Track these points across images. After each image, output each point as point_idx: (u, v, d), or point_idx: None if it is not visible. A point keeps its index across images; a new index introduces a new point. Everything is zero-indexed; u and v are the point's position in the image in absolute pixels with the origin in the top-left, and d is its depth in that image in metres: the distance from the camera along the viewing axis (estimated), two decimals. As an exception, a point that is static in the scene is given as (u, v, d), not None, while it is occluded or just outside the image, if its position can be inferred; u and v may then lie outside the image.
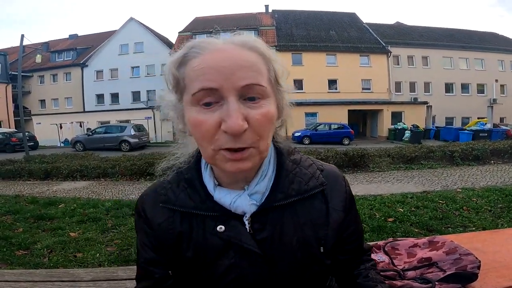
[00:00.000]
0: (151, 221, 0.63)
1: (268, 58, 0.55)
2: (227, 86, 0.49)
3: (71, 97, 29.50)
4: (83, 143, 18.00)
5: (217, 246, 0.59)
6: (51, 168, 8.35)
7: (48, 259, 2.93)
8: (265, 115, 0.52)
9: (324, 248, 0.62)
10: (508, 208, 3.99)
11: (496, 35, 31.31)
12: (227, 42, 0.54)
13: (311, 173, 0.64)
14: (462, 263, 1.00)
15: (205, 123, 0.51)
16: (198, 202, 0.60)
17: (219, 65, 0.50)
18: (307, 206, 0.62)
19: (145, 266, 0.65)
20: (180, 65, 0.54)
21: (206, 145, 0.53)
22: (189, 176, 0.63)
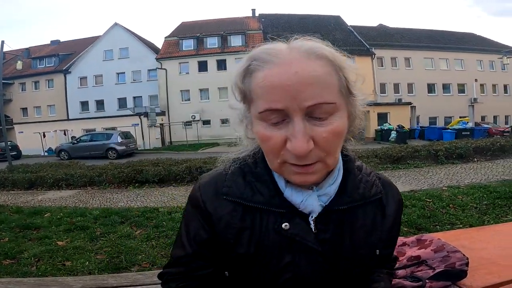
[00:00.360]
0: (212, 214, 0.61)
1: (338, 66, 0.52)
2: (293, 107, 0.48)
3: (54, 105, 28.73)
4: (68, 151, 17.60)
5: (278, 243, 0.58)
6: (36, 178, 8.15)
7: (36, 267, 2.90)
8: (332, 133, 0.50)
9: (374, 252, 0.64)
10: (493, 205, 4.10)
11: (474, 35, 32.38)
12: (293, 50, 0.51)
13: (372, 180, 0.66)
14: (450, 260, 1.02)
15: (271, 139, 0.51)
16: (268, 197, 0.59)
17: (284, 84, 0.48)
18: (364, 211, 0.64)
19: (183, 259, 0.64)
20: (244, 77, 0.54)
21: (272, 158, 0.54)
22: (258, 171, 0.62)
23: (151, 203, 5.69)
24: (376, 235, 0.64)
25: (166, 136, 25.95)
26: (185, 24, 31.05)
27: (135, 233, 3.81)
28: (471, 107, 27.18)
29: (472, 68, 27.90)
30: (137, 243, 3.46)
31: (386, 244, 0.68)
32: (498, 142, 9.08)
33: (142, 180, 7.61)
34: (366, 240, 0.63)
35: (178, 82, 26.12)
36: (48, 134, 22.12)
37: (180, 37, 27.64)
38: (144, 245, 3.40)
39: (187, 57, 26.46)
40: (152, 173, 7.60)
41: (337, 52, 0.53)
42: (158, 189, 7.10)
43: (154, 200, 5.97)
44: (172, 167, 7.89)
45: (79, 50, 29.40)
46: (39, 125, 23.10)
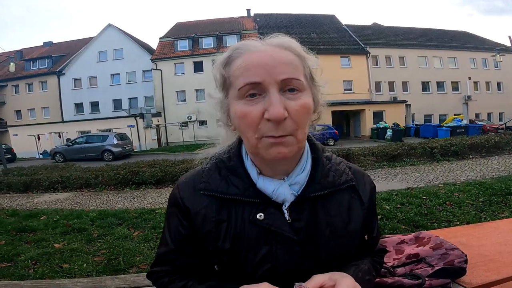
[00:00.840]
0: (190, 208, 0.64)
1: (302, 56, 0.62)
2: (269, 80, 0.55)
3: (48, 107, 28.48)
4: (63, 154, 17.45)
5: (255, 234, 0.61)
6: (31, 180, 8.08)
7: (33, 270, 2.89)
8: (303, 106, 0.57)
9: (353, 238, 0.67)
10: (490, 202, 4.14)
11: (467, 33, 32.66)
12: (265, 44, 0.60)
13: (342, 169, 0.70)
14: (449, 258, 1.02)
15: (250, 113, 0.56)
16: (242, 189, 0.63)
17: (262, 62, 0.56)
18: (338, 199, 0.66)
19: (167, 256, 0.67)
20: (226, 65, 0.61)
21: (250, 134, 0.57)
22: (232, 164, 0.65)
23: (148, 205, 5.67)
24: (355, 223, 0.67)
25: (163, 137, 25.83)
26: (180, 24, 30.93)
27: (133, 235, 3.79)
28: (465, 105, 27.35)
29: (465, 66, 28.12)
30: (135, 244, 3.44)
31: (368, 232, 0.71)
32: (492, 139, 9.18)
33: (139, 182, 7.57)
34: (345, 228, 0.65)
35: (173, 83, 26.02)
36: (43, 136, 21.90)
37: (175, 37, 27.52)
38: (142, 246, 3.38)
39: (182, 58, 26.35)
40: (149, 175, 7.56)
41: (301, 47, 0.63)
42: (155, 190, 7.07)
43: (151, 202, 5.94)
44: (168, 168, 7.87)
45: (73, 51, 29.15)
46: (33, 128, 22.87)
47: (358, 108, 24.04)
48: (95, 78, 28.02)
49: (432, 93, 27.91)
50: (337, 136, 19.39)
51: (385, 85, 27.08)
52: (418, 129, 21.74)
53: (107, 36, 28.13)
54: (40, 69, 28.97)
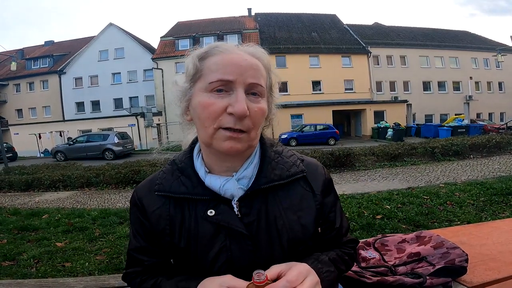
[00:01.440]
0: (146, 209, 0.68)
1: (268, 68, 0.67)
2: (240, 80, 0.60)
3: (49, 106, 28.47)
4: (64, 153, 17.46)
5: (208, 230, 0.64)
6: (32, 179, 8.10)
7: (35, 269, 2.90)
8: (260, 109, 0.62)
9: (306, 230, 0.67)
10: (490, 202, 4.13)
11: (468, 33, 32.54)
12: (241, 49, 0.65)
13: (292, 161, 0.72)
14: (450, 256, 1.03)
15: (214, 104, 0.60)
16: (191, 187, 0.66)
17: (237, 63, 0.61)
18: (290, 192, 0.68)
19: (134, 254, 0.72)
20: (202, 58, 0.64)
21: (209, 124, 0.61)
22: (182, 165, 0.70)
23: (149, 204, 5.67)
24: (308, 215, 0.68)
25: (163, 136, 25.71)
26: (181, 23, 30.90)
27: (134, 234, 3.80)
28: (466, 105, 27.35)
29: (466, 66, 28.01)
30: (137, 243, 3.45)
31: (325, 225, 0.72)
32: (493, 139, 9.17)
33: (140, 180, 7.45)
34: (298, 221, 0.67)
35: (174, 82, 25.96)
36: (44, 135, 21.93)
37: (176, 36, 27.50)
38: (143, 245, 3.38)
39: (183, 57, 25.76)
40: (150, 173, 7.53)
41: (269, 59, 0.68)
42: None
43: (152, 201, 5.95)
44: (169, 167, 7.86)
45: (74, 50, 29.15)
46: (34, 127, 22.90)
47: (359, 108, 24.00)
48: (96, 77, 28.01)
49: (433, 93, 27.82)
50: (337, 135, 19.38)
51: (386, 84, 27.00)
52: (419, 128, 21.72)
53: (108, 35, 28.10)
54: (42, 68, 28.97)
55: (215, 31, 27.37)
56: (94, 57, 28.00)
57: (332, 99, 24.14)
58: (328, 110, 22.71)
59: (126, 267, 0.75)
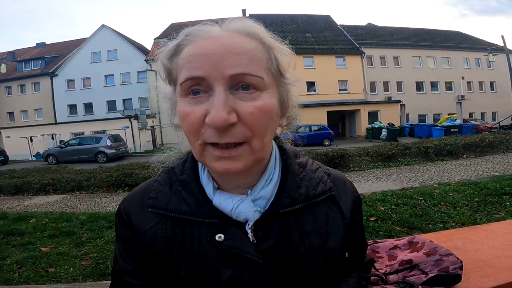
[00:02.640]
0: (136, 227, 0.56)
1: (268, 45, 0.50)
2: (215, 75, 0.45)
3: (41, 108, 28.27)
4: (56, 156, 17.28)
5: (215, 257, 0.52)
6: (22, 183, 8.00)
7: (18, 274, 2.88)
8: (260, 108, 0.46)
9: (332, 257, 0.57)
10: (485, 202, 4.13)
11: (460, 33, 33.06)
12: (224, 29, 0.49)
13: (319, 177, 0.60)
14: (443, 264, 0.98)
15: (190, 114, 0.46)
16: (194, 206, 0.53)
17: (208, 52, 0.45)
18: (314, 213, 0.57)
19: (123, 276, 0.57)
20: (173, 55, 0.51)
21: (193, 140, 0.48)
22: (184, 177, 0.56)
23: (140, 207, 5.60)
24: (335, 239, 0.58)
25: (158, 139, 25.69)
26: (175, 25, 30.80)
27: (123, 239, 3.74)
28: (458, 104, 27.69)
29: (458, 66, 28.40)
30: (125, 249, 3.39)
31: (350, 248, 0.62)
32: (486, 138, 9.24)
33: (132, 184, 7.48)
34: (323, 246, 0.56)
35: (168, 84, 25.91)
36: (36, 138, 21.66)
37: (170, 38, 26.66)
38: (132, 250, 3.32)
39: (177, 58, 26.25)
40: (142, 176, 7.47)
41: (269, 33, 0.51)
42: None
43: (144, 204, 5.87)
44: (162, 170, 7.79)
45: (66, 52, 28.97)
46: (26, 129, 22.64)
47: (354, 108, 24.17)
48: (89, 79, 27.87)
49: (426, 93, 28.15)
50: (332, 136, 19.45)
51: (380, 85, 27.25)
52: (413, 128, 21.93)
53: (101, 37, 27.97)
54: (33, 70, 28.75)
55: (209, 32, 27.32)
56: (86, 59, 27.86)
57: (326, 100, 24.23)
58: (322, 111, 22.78)
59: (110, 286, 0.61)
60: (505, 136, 9.63)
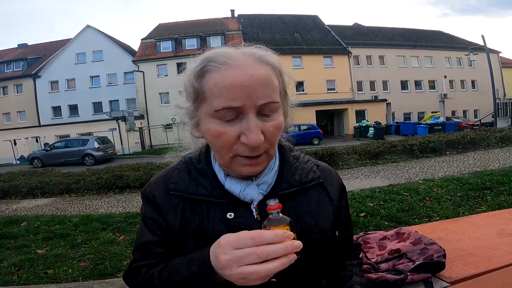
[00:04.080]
0: (161, 207, 0.65)
1: (279, 71, 0.61)
2: (249, 104, 0.54)
3: (24, 111, 27.30)
4: (41, 159, 16.82)
5: (226, 233, 0.58)
6: (9, 187, 7.79)
7: (17, 276, 2.85)
8: (276, 127, 0.58)
9: (324, 234, 0.68)
10: (467, 197, 4.30)
11: (442, 33, 33.75)
12: (245, 55, 0.57)
13: (309, 167, 0.72)
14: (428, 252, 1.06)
15: (225, 134, 0.56)
16: (210, 189, 0.64)
17: (243, 84, 0.54)
18: (307, 197, 0.68)
19: (150, 246, 0.65)
20: (199, 77, 0.58)
21: (224, 152, 0.58)
22: (201, 166, 0.67)
23: (133, 208, 5.58)
24: (326, 219, 0.69)
25: (146, 140, 25.31)
26: (162, 25, 30.42)
27: (119, 239, 3.74)
28: (441, 103, 28.38)
29: (441, 65, 29.02)
30: (121, 249, 3.40)
31: (340, 228, 0.73)
32: (468, 136, 9.54)
33: (123, 186, 7.42)
34: (316, 225, 0.67)
35: (156, 85, 25.52)
36: (19, 141, 21.02)
37: (157, 38, 27.04)
38: (128, 250, 3.33)
39: (165, 59, 25.89)
40: (133, 178, 7.43)
41: (279, 60, 0.62)
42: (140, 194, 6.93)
43: (136, 205, 5.83)
44: (153, 171, 7.74)
45: (49, 53, 28.08)
46: (9, 132, 21.88)
47: (341, 107, 24.42)
48: (73, 81, 27.07)
49: (411, 91, 28.67)
50: (321, 135, 19.63)
51: (367, 84, 27.62)
52: (398, 127, 22.33)
53: (86, 38, 27.24)
54: (15, 72, 27.76)
55: (197, 32, 27.12)
56: (70, 60, 27.09)
57: (315, 99, 24.44)
58: (311, 110, 22.93)
59: (134, 261, 0.67)
60: (486, 133, 9.93)
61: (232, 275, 0.49)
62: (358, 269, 0.78)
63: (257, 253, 0.48)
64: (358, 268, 0.78)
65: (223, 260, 0.50)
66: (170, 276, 0.58)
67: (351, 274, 0.75)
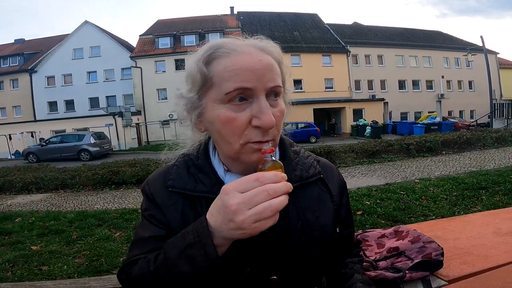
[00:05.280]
0: (160, 205, 0.65)
1: (280, 61, 0.62)
2: (260, 87, 0.55)
3: (20, 106, 27.14)
4: (36, 154, 16.70)
5: None
6: (3, 182, 7.70)
7: (11, 273, 2.84)
8: (281, 112, 0.59)
9: (325, 231, 0.67)
10: (462, 196, 4.33)
11: (441, 33, 33.89)
12: (250, 45, 0.59)
13: (310, 163, 0.71)
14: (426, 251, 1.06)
15: (237, 119, 0.55)
16: (209, 186, 0.63)
17: (253, 67, 0.55)
18: (308, 193, 0.67)
19: (153, 240, 0.63)
20: (207, 62, 0.57)
21: (235, 140, 0.56)
22: (200, 162, 0.66)
23: (129, 205, 5.54)
24: (326, 216, 0.68)
25: (143, 136, 25.24)
26: (161, 22, 30.23)
27: (115, 236, 3.72)
28: (438, 103, 28.53)
29: (439, 65, 29.13)
30: (117, 245, 3.39)
31: (340, 225, 0.72)
32: (464, 136, 9.60)
33: (119, 182, 7.37)
34: (316, 221, 0.66)
35: (154, 81, 25.44)
36: (15, 136, 20.85)
37: (156, 35, 26.91)
38: (125, 247, 3.32)
39: (163, 55, 25.81)
40: (130, 174, 7.38)
41: (280, 50, 0.63)
42: (136, 190, 6.90)
43: (133, 201, 5.81)
44: (150, 167, 7.71)
45: (46, 49, 27.89)
46: (4, 127, 21.70)
47: (339, 106, 24.47)
48: (70, 76, 26.95)
49: (408, 91, 28.77)
50: (318, 133, 19.67)
51: (365, 83, 27.66)
52: (395, 126, 22.42)
53: (83, 33, 27.09)
54: (11, 67, 27.57)
55: (196, 29, 27.01)
56: (67, 55, 26.94)
57: (313, 98, 24.45)
58: (309, 108, 22.95)
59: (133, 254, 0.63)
60: (482, 134, 10.01)
61: (245, 219, 0.47)
62: (359, 267, 0.77)
63: (266, 190, 0.47)
64: (359, 266, 0.78)
65: (234, 205, 0.48)
66: (166, 255, 0.55)
67: (352, 272, 0.74)
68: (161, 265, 0.55)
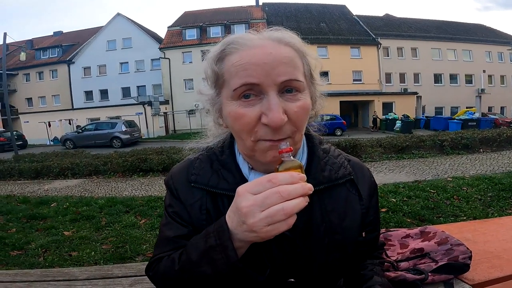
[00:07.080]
0: (184, 202, 0.64)
1: (302, 53, 0.58)
2: (268, 82, 0.52)
3: (59, 95, 28.92)
4: (73, 140, 17.73)
5: None
6: (42, 167, 8.19)
7: (43, 258, 2.93)
8: (302, 107, 0.54)
9: (349, 235, 0.63)
10: (498, 197, 4.07)
11: (483, 26, 31.76)
12: (264, 38, 0.56)
13: (340, 162, 0.67)
14: (453, 253, 1.01)
15: (245, 116, 0.53)
16: (233, 184, 0.60)
17: (260, 61, 0.52)
18: (335, 194, 0.64)
19: (178, 239, 0.62)
20: (218, 60, 0.57)
21: (245, 137, 0.55)
22: (224, 158, 0.64)
23: (155, 192, 5.73)
24: (352, 219, 0.64)
25: (170, 125, 26.03)
26: (188, 13, 30.66)
27: (140, 223, 3.84)
28: (478, 98, 26.81)
29: (480, 59, 27.48)
30: (142, 232, 3.49)
31: (367, 228, 0.68)
32: (504, 133, 8.97)
33: (147, 169, 7.65)
34: (340, 225, 0.62)
35: (181, 71, 26.02)
36: (53, 123, 22.26)
37: (183, 26, 27.38)
38: (148, 234, 3.43)
39: (190, 47, 26.26)
40: (156, 162, 7.63)
41: (302, 41, 0.59)
42: (162, 178, 7.09)
43: (158, 189, 6.00)
44: (175, 156, 7.92)
45: (82, 40, 29.40)
46: (44, 115, 23.25)
47: (367, 99, 23.73)
48: (104, 67, 28.29)
49: (445, 85, 27.39)
50: (344, 126, 19.24)
51: (396, 76, 26.64)
52: (428, 121, 21.43)
53: (116, 25, 28.22)
54: (51, 58, 29.34)
55: (222, 21, 27.14)
56: (102, 47, 28.23)
57: (339, 90, 23.84)
58: (335, 100, 22.45)
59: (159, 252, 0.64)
60: (525, 131, 9.33)
61: (256, 222, 0.45)
62: (380, 269, 0.74)
63: (279, 191, 0.45)
64: (380, 268, 0.74)
65: (245, 207, 0.46)
66: (188, 255, 0.56)
67: (372, 274, 0.71)
68: (185, 266, 0.56)
